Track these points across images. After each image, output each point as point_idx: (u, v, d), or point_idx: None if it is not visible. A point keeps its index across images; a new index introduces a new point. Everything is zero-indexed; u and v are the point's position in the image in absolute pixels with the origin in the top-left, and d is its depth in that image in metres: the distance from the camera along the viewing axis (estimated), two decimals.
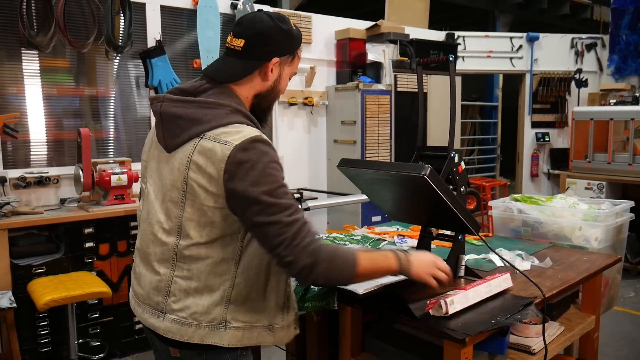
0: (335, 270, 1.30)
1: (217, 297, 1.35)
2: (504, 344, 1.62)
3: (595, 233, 2.36)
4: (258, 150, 1.27)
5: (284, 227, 1.25)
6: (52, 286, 2.83)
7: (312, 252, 1.26)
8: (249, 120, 1.35)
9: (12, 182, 3.34)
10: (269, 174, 1.26)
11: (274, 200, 1.25)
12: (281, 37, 1.39)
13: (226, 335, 1.36)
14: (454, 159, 1.76)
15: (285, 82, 1.45)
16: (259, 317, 1.38)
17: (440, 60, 1.83)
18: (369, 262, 1.35)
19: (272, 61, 1.38)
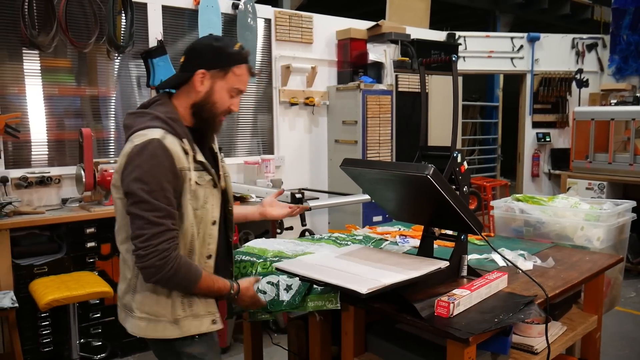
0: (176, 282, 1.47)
1: (126, 285, 1.57)
2: (507, 344, 1.63)
3: (597, 233, 2.36)
4: (151, 151, 1.43)
5: (147, 224, 1.41)
6: (53, 286, 2.83)
7: (165, 257, 1.41)
8: (166, 126, 1.49)
9: (13, 182, 3.34)
10: (152, 173, 1.42)
11: (149, 198, 1.41)
12: (209, 53, 1.54)
13: (132, 322, 1.55)
14: (457, 159, 1.76)
15: (220, 95, 1.56)
16: (164, 311, 1.53)
17: (443, 60, 1.83)
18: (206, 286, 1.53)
19: (197, 72, 1.53)
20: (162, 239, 1.41)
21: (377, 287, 1.44)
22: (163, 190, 1.42)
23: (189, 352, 1.56)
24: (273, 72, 4.58)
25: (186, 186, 1.50)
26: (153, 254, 1.40)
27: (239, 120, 4.50)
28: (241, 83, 1.58)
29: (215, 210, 1.60)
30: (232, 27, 4.25)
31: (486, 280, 1.68)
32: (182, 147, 1.50)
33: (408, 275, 1.56)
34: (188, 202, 1.51)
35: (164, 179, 1.43)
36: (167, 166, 1.44)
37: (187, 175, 1.49)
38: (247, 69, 1.59)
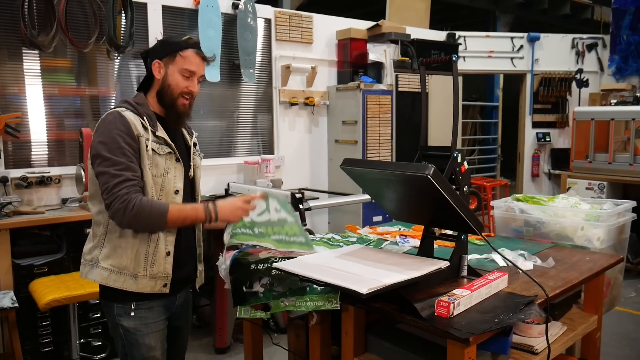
0: (144, 218, 1.64)
1: (95, 242, 1.76)
2: (507, 344, 1.63)
3: (597, 233, 2.36)
4: (111, 119, 1.70)
5: (110, 177, 1.63)
6: (53, 286, 2.84)
7: (124, 200, 1.61)
8: (130, 106, 1.75)
9: (13, 182, 3.34)
10: (111, 136, 1.66)
11: (109, 155, 1.64)
12: (159, 46, 1.83)
13: (96, 272, 1.74)
14: (457, 159, 1.76)
15: (173, 77, 1.78)
16: (127, 264, 1.72)
17: (443, 60, 1.83)
18: (177, 212, 1.70)
19: (154, 63, 1.80)
20: (121, 186, 1.62)
21: (377, 287, 1.44)
22: (121, 148, 1.65)
23: (124, 325, 1.76)
24: (273, 72, 4.58)
25: (143, 150, 1.70)
26: (116, 200, 1.61)
27: (239, 121, 4.50)
28: (189, 64, 1.78)
29: (178, 182, 1.80)
30: (232, 27, 4.25)
31: (486, 280, 1.68)
32: (141, 122, 1.72)
33: (408, 275, 1.56)
34: (147, 167, 1.71)
35: (120, 140, 1.65)
36: (123, 129, 1.67)
37: (143, 141, 1.71)
38: (195, 53, 1.80)
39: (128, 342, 1.78)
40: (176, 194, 1.79)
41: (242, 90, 4.49)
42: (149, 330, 1.78)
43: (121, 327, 1.77)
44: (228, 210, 1.78)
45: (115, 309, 1.77)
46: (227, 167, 4.36)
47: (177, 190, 1.79)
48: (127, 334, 1.77)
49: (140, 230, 1.71)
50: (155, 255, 1.75)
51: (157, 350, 1.81)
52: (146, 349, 1.78)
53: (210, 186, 4.17)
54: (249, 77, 4.35)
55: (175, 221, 1.71)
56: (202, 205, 1.75)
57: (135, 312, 1.76)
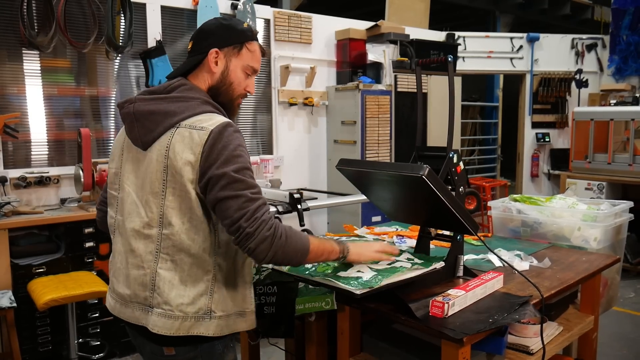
0: (291, 248, 1.36)
1: (202, 287, 1.40)
2: (502, 344, 1.63)
3: (594, 233, 2.36)
4: (229, 134, 1.35)
5: (247, 201, 1.31)
6: (52, 286, 2.84)
7: (272, 226, 1.32)
8: (217, 110, 1.44)
9: (12, 182, 3.35)
10: (238, 154, 1.34)
11: (241, 177, 1.33)
12: (220, 30, 1.47)
13: (212, 324, 1.40)
14: (453, 159, 1.77)
15: (236, 74, 1.48)
16: (233, 304, 1.44)
17: (439, 60, 1.83)
18: (317, 246, 1.44)
19: (211, 52, 1.45)
20: (262, 210, 1.32)
21: (371, 288, 1.44)
22: (250, 170, 1.37)
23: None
24: (272, 73, 4.58)
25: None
26: (261, 226, 1.30)
27: (238, 121, 4.51)
28: (255, 60, 1.52)
29: None
30: None
31: (482, 280, 1.69)
32: None
33: (403, 275, 1.56)
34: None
35: (247, 160, 1.38)
36: (245, 148, 1.40)
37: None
38: (259, 46, 1.53)
39: None
40: None
41: None
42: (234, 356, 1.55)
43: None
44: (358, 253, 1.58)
45: (216, 347, 1.46)
46: None
47: None
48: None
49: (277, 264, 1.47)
50: (252, 286, 1.52)
51: None
52: None
53: None
54: None
55: (314, 256, 1.44)
56: (334, 241, 1.53)
57: (233, 342, 1.52)
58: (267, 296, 1.85)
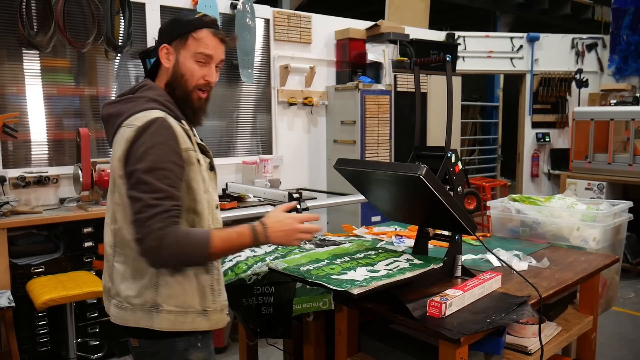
0: (184, 254, 1.35)
1: (146, 281, 1.42)
2: (500, 344, 1.62)
3: (593, 233, 2.36)
4: (153, 130, 1.35)
5: (144, 207, 1.31)
6: (50, 285, 2.84)
7: (159, 237, 1.30)
8: (164, 108, 1.43)
9: (11, 182, 3.35)
10: (154, 153, 1.33)
11: (148, 179, 1.32)
12: (167, 27, 1.51)
13: (161, 319, 1.41)
14: (451, 159, 1.76)
15: (186, 65, 1.47)
16: (193, 302, 1.44)
17: (437, 60, 1.83)
18: (222, 242, 1.38)
19: (160, 49, 1.48)
20: (156, 219, 1.31)
21: (368, 288, 1.43)
22: (165, 170, 1.34)
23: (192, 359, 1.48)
24: (271, 72, 4.58)
25: (195, 168, 1.43)
26: (149, 236, 1.31)
27: (237, 121, 4.50)
28: (205, 47, 1.46)
29: (215, 194, 1.55)
30: (230, 27, 4.25)
31: (480, 280, 1.68)
32: (183, 128, 1.44)
33: (401, 275, 1.56)
34: (200, 185, 1.44)
35: (167, 158, 1.35)
36: (172, 145, 1.36)
37: (193, 156, 1.43)
38: (211, 32, 1.48)
39: None
40: (217, 208, 1.54)
41: (240, 91, 4.49)
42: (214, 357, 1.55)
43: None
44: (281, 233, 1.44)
45: (178, 344, 1.45)
46: (226, 167, 4.36)
47: (217, 204, 1.54)
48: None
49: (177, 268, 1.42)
50: (219, 284, 1.51)
51: None
52: None
53: None
54: (247, 77, 4.35)
55: (219, 253, 1.40)
56: (248, 228, 1.42)
57: (202, 342, 1.49)
58: (265, 296, 1.85)
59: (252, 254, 1.95)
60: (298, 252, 1.87)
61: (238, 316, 1.93)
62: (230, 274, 1.88)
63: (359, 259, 1.72)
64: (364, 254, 1.80)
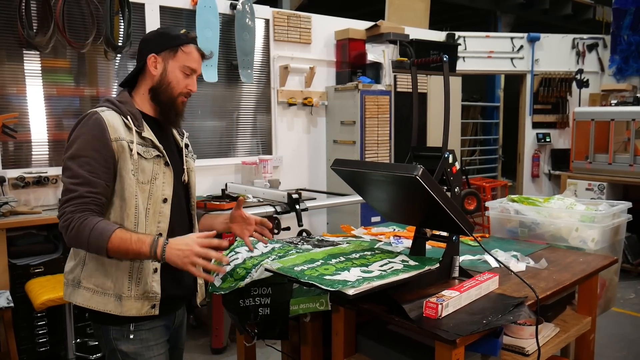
0: (83, 242, 1.44)
1: (77, 260, 1.59)
2: (497, 345, 1.62)
3: (592, 234, 2.35)
4: (84, 121, 1.52)
5: (65, 191, 1.47)
6: (49, 286, 2.84)
7: (67, 219, 1.44)
8: (112, 106, 1.57)
9: (10, 182, 3.35)
10: (78, 142, 1.48)
11: (71, 164, 1.48)
12: (156, 38, 1.64)
13: (79, 294, 1.56)
14: (448, 160, 1.76)
15: (174, 74, 1.62)
16: (110, 285, 1.54)
17: (435, 60, 1.82)
18: (119, 241, 1.44)
19: (149, 57, 1.61)
20: (70, 203, 1.45)
21: (363, 288, 1.43)
22: (86, 157, 1.46)
23: (123, 349, 1.55)
24: (271, 73, 4.58)
25: (125, 156, 1.52)
26: (61, 218, 1.46)
27: (237, 121, 4.50)
28: (192, 61, 1.63)
29: (167, 189, 1.61)
30: (230, 28, 4.25)
31: (477, 281, 1.68)
32: (124, 122, 1.54)
33: (396, 277, 1.55)
34: (130, 174, 1.53)
35: (89, 147, 1.47)
36: (96, 134, 1.48)
37: (124, 145, 1.52)
38: (195, 49, 1.65)
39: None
40: (164, 202, 1.59)
41: (240, 91, 4.49)
42: (152, 353, 1.59)
43: (119, 352, 1.55)
44: (178, 252, 1.44)
45: (111, 333, 1.55)
46: (225, 167, 4.36)
47: (165, 198, 1.59)
48: (125, 359, 1.57)
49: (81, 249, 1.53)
50: (140, 273, 1.55)
51: None
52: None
53: (207, 186, 4.17)
54: (247, 78, 4.35)
55: (116, 251, 1.44)
56: (150, 239, 1.45)
57: (134, 334, 1.55)
58: (262, 297, 1.84)
59: (250, 255, 1.95)
60: (295, 253, 1.87)
61: (234, 318, 1.92)
62: (230, 280, 1.87)
63: (354, 260, 1.72)
64: (360, 254, 1.79)
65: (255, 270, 1.80)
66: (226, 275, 1.89)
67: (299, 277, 1.54)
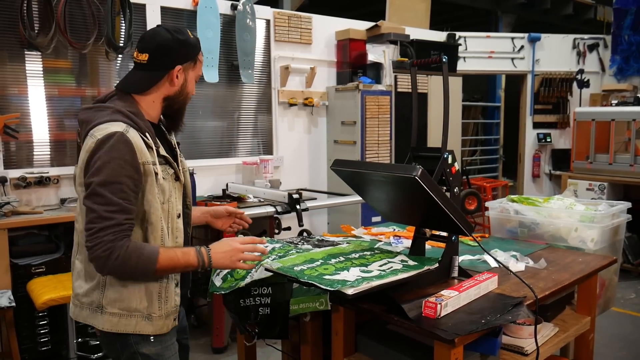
0: (130, 268, 1.43)
1: (95, 282, 1.53)
2: (496, 345, 1.63)
3: (591, 234, 2.36)
4: (112, 144, 1.42)
5: (98, 218, 1.40)
6: (51, 285, 2.85)
7: (109, 249, 1.39)
8: (128, 120, 1.49)
9: (12, 182, 3.36)
10: (110, 167, 1.41)
11: (103, 191, 1.40)
12: (179, 46, 1.57)
13: (104, 320, 1.53)
14: (447, 160, 1.77)
15: (192, 84, 1.64)
16: (136, 305, 1.52)
17: (434, 61, 1.83)
18: (168, 261, 1.47)
19: (175, 69, 1.57)
20: (108, 231, 1.40)
21: (363, 288, 1.44)
22: (120, 184, 1.41)
23: (145, 352, 1.56)
24: (272, 73, 4.59)
25: (151, 180, 1.50)
26: (98, 246, 1.39)
27: (238, 121, 4.51)
28: (201, 68, 1.67)
29: (179, 204, 1.63)
30: (230, 28, 4.26)
31: (476, 281, 1.69)
32: (145, 141, 1.50)
33: (394, 277, 1.56)
34: (156, 197, 1.51)
35: (122, 172, 1.42)
36: (128, 160, 1.43)
37: (151, 169, 1.49)
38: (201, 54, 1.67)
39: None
40: (178, 218, 1.61)
41: (241, 91, 4.50)
42: (170, 352, 1.62)
43: (140, 355, 1.56)
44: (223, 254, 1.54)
45: (131, 338, 1.55)
46: (226, 167, 4.37)
47: (179, 214, 1.62)
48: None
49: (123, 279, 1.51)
50: (167, 292, 1.57)
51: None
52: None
53: (208, 186, 4.18)
54: (248, 78, 4.36)
55: (164, 270, 1.49)
56: (193, 250, 1.52)
57: (155, 337, 1.57)
58: (262, 297, 1.85)
59: None
60: (295, 253, 1.88)
61: (234, 318, 1.93)
62: (230, 279, 1.88)
63: (353, 259, 1.73)
64: (360, 254, 1.80)
65: (255, 269, 1.81)
66: (226, 275, 1.90)
67: (299, 277, 1.55)
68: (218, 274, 1.94)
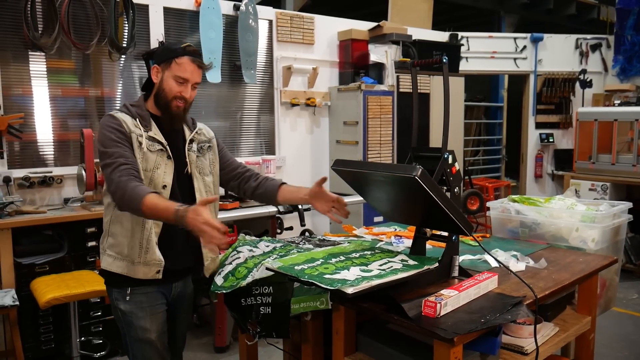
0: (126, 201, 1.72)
1: (104, 232, 1.92)
2: (496, 344, 1.63)
3: (592, 234, 2.36)
4: (103, 120, 1.86)
5: (106, 167, 1.78)
6: (54, 284, 2.87)
7: (115, 184, 1.73)
8: (125, 109, 1.90)
9: (16, 182, 3.38)
10: (103, 133, 1.82)
11: (103, 149, 1.80)
12: (159, 51, 1.94)
13: (103, 259, 1.91)
14: (448, 160, 1.77)
15: (167, 83, 1.88)
16: (125, 252, 1.86)
17: (435, 61, 1.84)
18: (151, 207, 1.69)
19: (153, 68, 1.92)
20: (116, 172, 1.74)
21: (363, 287, 1.45)
22: (112, 141, 1.79)
23: (121, 308, 1.89)
24: (274, 73, 4.60)
25: (135, 145, 1.82)
26: (111, 185, 1.75)
27: (240, 121, 4.53)
28: (183, 71, 1.86)
29: (167, 177, 1.89)
30: (233, 29, 4.28)
31: (475, 280, 1.69)
32: (133, 123, 1.85)
33: (394, 276, 1.57)
34: (138, 161, 1.82)
35: (111, 134, 1.80)
36: (113, 125, 1.82)
37: (135, 137, 1.83)
38: (190, 60, 1.87)
39: (125, 323, 1.92)
40: (164, 188, 1.87)
41: (243, 91, 4.51)
42: (144, 313, 1.90)
43: (119, 310, 1.91)
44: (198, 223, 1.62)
45: (114, 293, 1.92)
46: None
47: (164, 185, 1.88)
48: (123, 316, 1.91)
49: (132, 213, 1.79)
50: (148, 244, 1.85)
51: (152, 333, 1.91)
52: (141, 330, 1.90)
53: None
54: (250, 78, 4.37)
55: (149, 213, 1.71)
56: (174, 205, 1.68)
57: (130, 297, 1.89)
58: (263, 296, 1.86)
59: (251, 255, 1.97)
60: (296, 252, 1.89)
61: (235, 317, 1.95)
62: (231, 279, 1.89)
63: (354, 259, 1.74)
64: (360, 254, 1.81)
65: (256, 269, 1.83)
66: (228, 274, 1.91)
67: (299, 276, 1.56)
68: (219, 273, 1.95)
